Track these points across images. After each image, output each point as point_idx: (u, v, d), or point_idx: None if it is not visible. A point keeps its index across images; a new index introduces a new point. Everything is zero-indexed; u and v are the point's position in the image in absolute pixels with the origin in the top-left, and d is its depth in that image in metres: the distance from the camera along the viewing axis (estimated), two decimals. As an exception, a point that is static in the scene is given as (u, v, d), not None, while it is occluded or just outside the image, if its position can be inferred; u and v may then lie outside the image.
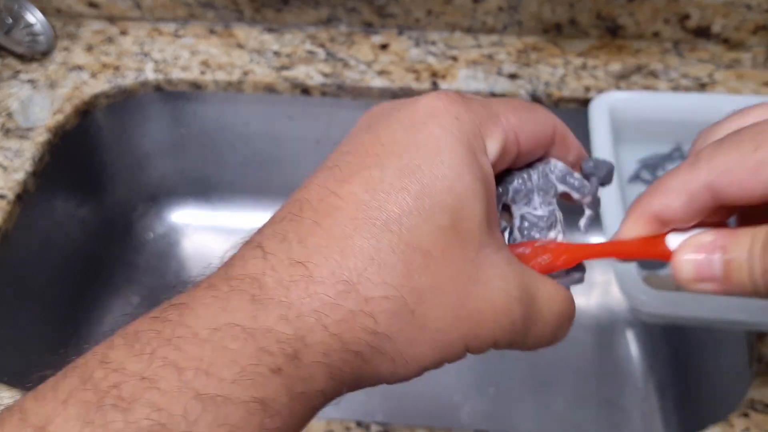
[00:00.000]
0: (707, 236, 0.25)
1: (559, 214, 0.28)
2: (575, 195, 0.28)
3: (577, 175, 0.28)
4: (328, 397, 0.23)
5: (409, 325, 0.23)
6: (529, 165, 0.28)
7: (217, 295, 0.22)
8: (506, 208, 0.28)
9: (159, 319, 0.21)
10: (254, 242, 0.23)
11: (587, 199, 0.28)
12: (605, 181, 0.28)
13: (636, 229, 0.26)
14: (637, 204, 0.27)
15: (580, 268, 0.28)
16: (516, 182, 0.27)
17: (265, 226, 0.24)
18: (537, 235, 0.27)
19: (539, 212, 0.27)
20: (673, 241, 0.26)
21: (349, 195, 0.23)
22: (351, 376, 0.23)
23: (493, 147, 0.25)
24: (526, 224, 0.27)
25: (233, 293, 0.21)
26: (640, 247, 0.27)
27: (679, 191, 0.25)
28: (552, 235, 0.27)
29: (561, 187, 0.28)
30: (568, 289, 0.27)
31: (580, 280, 0.28)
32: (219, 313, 0.21)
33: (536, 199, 0.27)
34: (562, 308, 0.26)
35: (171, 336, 0.20)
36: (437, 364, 0.24)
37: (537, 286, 0.25)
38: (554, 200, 0.28)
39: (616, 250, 0.27)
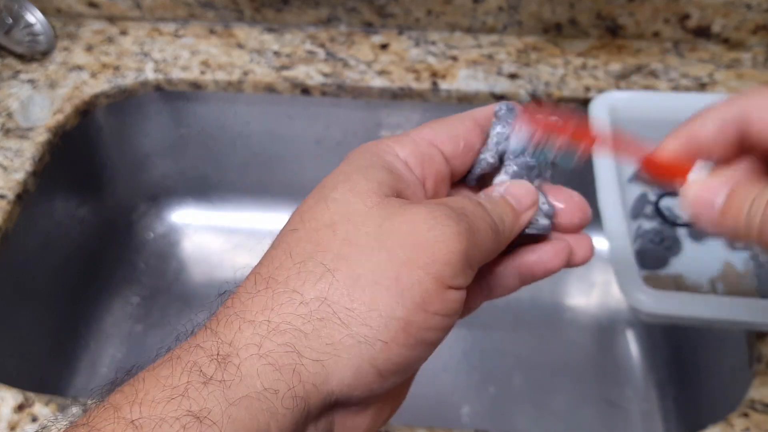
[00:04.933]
0: (727, 171, 0.26)
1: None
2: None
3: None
4: (295, 395, 0.22)
5: (340, 282, 0.23)
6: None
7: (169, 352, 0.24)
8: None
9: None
10: None
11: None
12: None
13: (672, 145, 0.28)
14: (678, 128, 0.28)
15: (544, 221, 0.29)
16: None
17: None
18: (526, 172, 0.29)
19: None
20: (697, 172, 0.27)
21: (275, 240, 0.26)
22: (302, 360, 0.22)
23: (402, 149, 0.28)
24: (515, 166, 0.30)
25: (179, 344, 0.24)
26: (667, 162, 0.28)
27: (713, 118, 0.27)
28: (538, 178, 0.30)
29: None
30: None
31: (545, 229, 0.29)
32: (161, 357, 0.23)
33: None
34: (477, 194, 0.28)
35: (120, 388, 0.22)
36: (409, 310, 0.23)
37: (453, 195, 0.28)
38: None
39: (646, 156, 0.28)
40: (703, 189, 0.26)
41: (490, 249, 0.26)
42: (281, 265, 0.24)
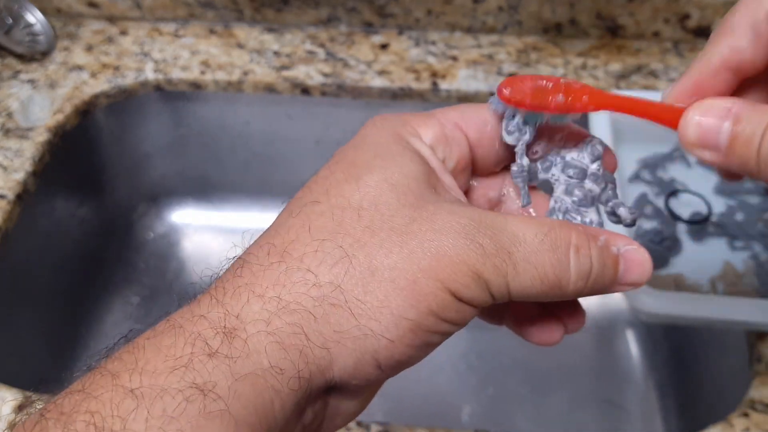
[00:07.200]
0: (724, 101, 0.22)
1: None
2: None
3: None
4: (300, 376, 0.21)
5: (356, 270, 0.22)
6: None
7: (167, 319, 0.23)
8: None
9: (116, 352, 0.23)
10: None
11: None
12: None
13: (676, 90, 0.26)
14: (697, 60, 0.25)
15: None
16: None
17: None
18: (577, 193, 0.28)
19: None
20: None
21: (292, 200, 0.25)
22: (309, 344, 0.22)
23: (426, 132, 0.26)
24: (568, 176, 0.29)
25: (179, 310, 0.23)
26: (660, 109, 0.25)
27: (744, 26, 0.24)
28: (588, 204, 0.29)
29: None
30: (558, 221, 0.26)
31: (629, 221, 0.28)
32: (160, 324, 0.22)
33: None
34: (540, 232, 0.24)
35: (117, 355, 0.22)
36: (422, 313, 0.22)
37: (501, 218, 0.24)
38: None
39: (637, 107, 0.25)
40: (707, 114, 0.23)
41: (537, 293, 0.24)
42: (297, 239, 0.23)
